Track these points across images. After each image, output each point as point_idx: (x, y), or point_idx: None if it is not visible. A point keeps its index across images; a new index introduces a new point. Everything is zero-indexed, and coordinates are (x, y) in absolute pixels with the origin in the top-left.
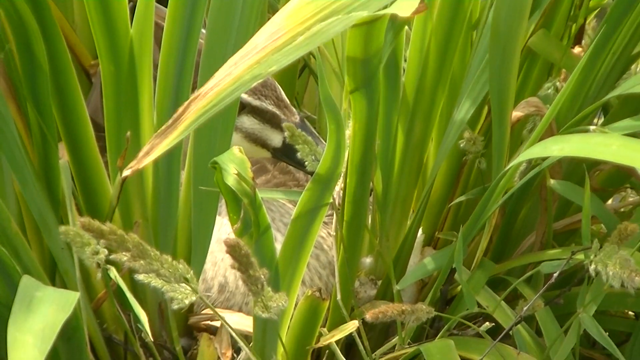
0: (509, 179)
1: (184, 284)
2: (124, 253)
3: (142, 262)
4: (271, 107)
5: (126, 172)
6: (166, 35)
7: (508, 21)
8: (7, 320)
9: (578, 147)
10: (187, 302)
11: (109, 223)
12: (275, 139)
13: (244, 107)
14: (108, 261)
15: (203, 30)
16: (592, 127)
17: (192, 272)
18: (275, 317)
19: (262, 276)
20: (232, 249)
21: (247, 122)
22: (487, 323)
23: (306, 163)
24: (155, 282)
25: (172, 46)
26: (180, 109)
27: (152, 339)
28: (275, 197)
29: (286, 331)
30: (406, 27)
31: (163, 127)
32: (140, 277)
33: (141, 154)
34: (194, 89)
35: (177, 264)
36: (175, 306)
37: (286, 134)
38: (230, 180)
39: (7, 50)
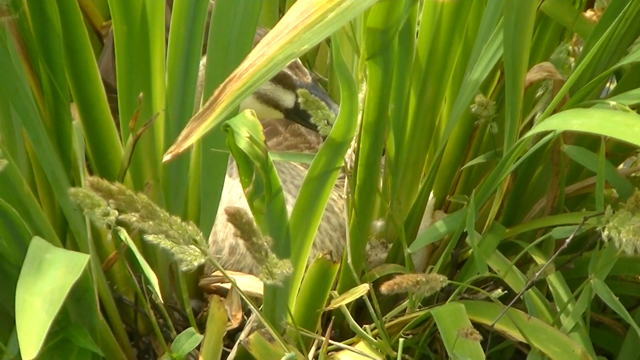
0: (523, 147)
1: (193, 246)
2: (133, 214)
3: (151, 222)
4: (284, 68)
5: (166, 157)
6: None
7: None
8: (17, 281)
9: (599, 124)
10: (195, 264)
11: (117, 183)
12: (287, 99)
13: None
14: (118, 222)
15: None
16: (611, 102)
17: (201, 233)
18: (280, 284)
19: (266, 243)
20: (233, 217)
21: None
22: (499, 290)
23: (318, 127)
24: (165, 243)
25: (182, 7)
26: (217, 92)
27: (162, 301)
28: (287, 160)
29: (297, 294)
30: None
31: (200, 110)
32: (150, 237)
33: (181, 137)
34: (204, 49)
35: (187, 226)
36: (184, 268)
37: (300, 99)
38: (242, 143)
39: (20, 11)
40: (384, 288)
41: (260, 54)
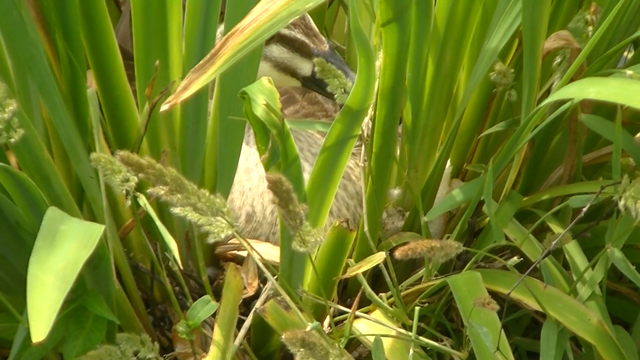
0: (541, 115)
1: (219, 218)
2: (161, 187)
3: (179, 196)
4: (300, 36)
5: (164, 107)
6: None
7: None
8: (32, 248)
9: (616, 93)
10: (222, 235)
11: (147, 157)
12: (305, 67)
13: (272, 36)
14: (136, 188)
15: None
16: (629, 72)
17: (228, 206)
18: (311, 251)
19: (302, 211)
20: (274, 185)
21: (277, 51)
22: (515, 258)
23: (335, 96)
24: (192, 216)
25: None
26: (218, 45)
27: (181, 268)
28: (303, 128)
29: (314, 261)
30: None
31: (201, 62)
32: (177, 210)
33: (179, 88)
34: (222, 16)
35: (215, 198)
36: (211, 240)
37: (316, 68)
38: (259, 111)
39: None
40: (398, 253)
41: (264, 9)
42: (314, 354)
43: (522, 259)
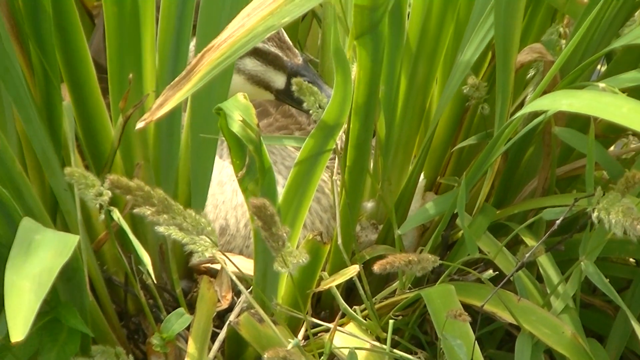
0: (514, 127)
1: (204, 237)
2: (148, 207)
3: (165, 216)
4: (274, 49)
5: (140, 125)
6: None
7: None
8: (7, 260)
9: (588, 105)
10: (207, 254)
11: (136, 180)
12: (278, 80)
13: None
14: (110, 202)
15: None
16: (601, 84)
17: (212, 225)
18: (293, 272)
19: (284, 234)
20: (258, 209)
21: (250, 64)
22: (490, 271)
23: (311, 112)
24: (176, 235)
25: None
26: (194, 61)
27: (154, 281)
28: (279, 144)
29: (287, 275)
30: None
31: (177, 79)
32: (162, 229)
33: (155, 106)
34: (194, 30)
35: (200, 218)
36: (196, 259)
37: (294, 87)
38: (236, 126)
39: None
40: (376, 267)
41: (240, 24)
42: None
43: (496, 272)
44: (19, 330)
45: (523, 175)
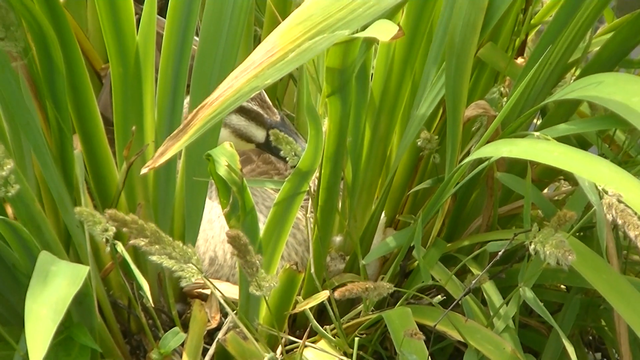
0: (462, 172)
1: (191, 265)
2: (141, 239)
3: (157, 246)
4: (256, 108)
5: (144, 170)
6: (165, 42)
7: (462, 35)
8: (26, 287)
9: (525, 151)
10: (193, 280)
11: (132, 214)
12: (259, 135)
13: None
14: (115, 237)
15: (196, 38)
16: (536, 134)
17: (197, 255)
18: (267, 294)
19: (257, 261)
20: (233, 239)
21: (235, 119)
22: (439, 296)
23: (287, 159)
24: (167, 263)
25: (170, 52)
26: (190, 116)
27: (152, 304)
28: (260, 186)
29: (267, 299)
30: None
31: (175, 132)
32: (154, 258)
33: (157, 154)
34: (188, 88)
35: (187, 249)
36: (183, 284)
37: (271, 138)
38: (222, 170)
39: (29, 56)
40: (337, 294)
41: (229, 85)
42: None
43: (445, 296)
44: (37, 353)
45: (470, 213)
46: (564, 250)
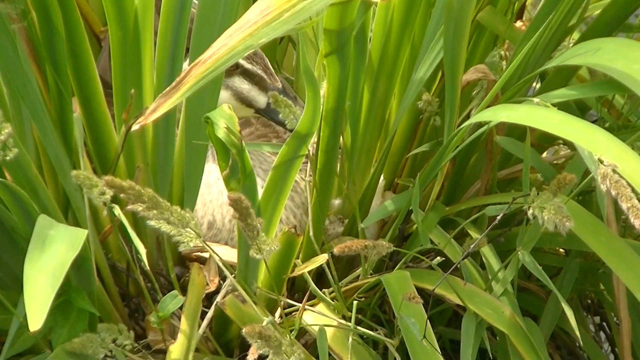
0: (461, 136)
1: (189, 229)
2: (139, 204)
3: (155, 211)
4: (260, 71)
5: (135, 127)
6: (164, 5)
7: None
8: (25, 250)
9: (524, 117)
10: (191, 244)
11: (129, 180)
12: (261, 100)
13: (237, 68)
14: (113, 200)
15: (195, 1)
16: (535, 99)
17: (195, 219)
18: (267, 258)
19: (258, 225)
20: (235, 202)
21: (238, 81)
22: (438, 257)
23: (286, 122)
24: (165, 228)
25: (169, 15)
26: (183, 74)
27: (149, 268)
28: (259, 149)
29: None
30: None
31: (167, 89)
32: (152, 223)
33: (148, 111)
34: (187, 52)
35: (185, 213)
36: (181, 248)
37: (270, 100)
38: (221, 133)
39: (28, 19)
40: (336, 250)
41: (223, 43)
42: (269, 344)
43: (444, 259)
44: (36, 319)
45: (469, 177)
46: (562, 216)
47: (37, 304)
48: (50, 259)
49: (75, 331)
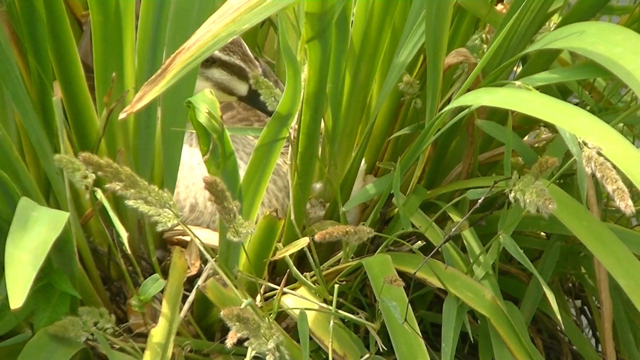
0: (442, 120)
1: (167, 209)
2: (117, 183)
3: (132, 190)
4: (238, 62)
5: (122, 115)
6: None
7: None
8: (7, 234)
9: (505, 100)
10: (169, 224)
11: (106, 157)
12: (242, 88)
13: (214, 62)
14: (95, 184)
15: None
16: (517, 83)
17: (173, 199)
18: (243, 241)
19: (235, 207)
20: (210, 185)
21: (217, 74)
22: (420, 242)
23: (267, 104)
24: (143, 208)
25: None
26: (167, 61)
27: (130, 252)
28: (240, 134)
29: (247, 246)
30: None
31: (153, 77)
32: (130, 202)
33: (135, 99)
34: None
35: (163, 193)
36: (159, 228)
37: (251, 81)
38: (202, 117)
39: (10, 2)
40: (317, 237)
41: (206, 30)
42: (248, 327)
43: (425, 243)
44: (17, 297)
45: (450, 160)
46: (544, 199)
47: (19, 281)
48: (32, 239)
49: (57, 314)
